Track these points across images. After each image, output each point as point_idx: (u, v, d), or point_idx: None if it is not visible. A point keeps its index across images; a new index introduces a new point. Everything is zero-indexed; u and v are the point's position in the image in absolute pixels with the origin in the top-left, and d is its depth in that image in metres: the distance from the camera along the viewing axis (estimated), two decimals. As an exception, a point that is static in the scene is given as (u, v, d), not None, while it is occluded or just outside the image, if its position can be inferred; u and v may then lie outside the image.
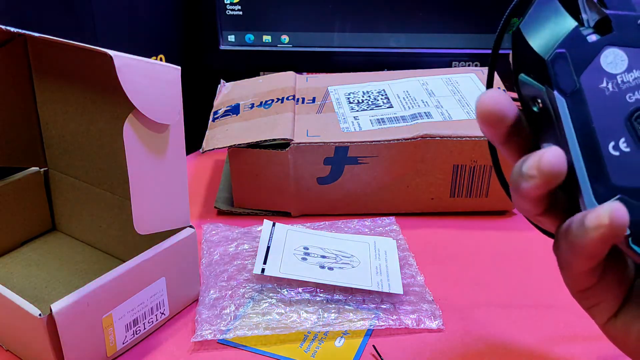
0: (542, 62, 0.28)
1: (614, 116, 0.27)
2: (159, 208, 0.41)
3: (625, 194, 0.27)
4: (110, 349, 0.40)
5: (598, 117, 0.27)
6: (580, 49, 0.28)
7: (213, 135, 0.59)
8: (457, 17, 0.70)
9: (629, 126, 0.27)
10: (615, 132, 0.27)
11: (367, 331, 0.44)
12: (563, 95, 0.27)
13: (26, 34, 0.40)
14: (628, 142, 0.27)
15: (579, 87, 0.27)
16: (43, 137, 0.53)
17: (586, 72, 0.28)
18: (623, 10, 0.28)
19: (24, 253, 0.53)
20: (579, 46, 0.28)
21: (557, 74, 0.27)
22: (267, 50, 0.72)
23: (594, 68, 0.28)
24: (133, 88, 0.36)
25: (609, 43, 0.28)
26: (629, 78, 0.28)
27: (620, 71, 0.28)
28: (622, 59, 0.28)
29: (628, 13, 0.28)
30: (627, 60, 0.28)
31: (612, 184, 0.27)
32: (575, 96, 0.27)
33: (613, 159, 0.27)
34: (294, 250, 0.50)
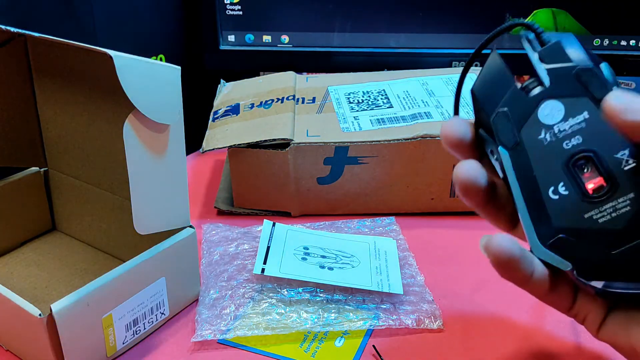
0: (489, 120, 0.31)
1: (553, 163, 0.30)
2: (159, 208, 0.41)
3: (566, 234, 0.29)
4: (110, 349, 0.40)
5: (538, 165, 0.30)
6: (520, 105, 0.30)
7: (213, 135, 0.59)
8: (457, 17, 0.70)
9: (567, 171, 0.29)
10: (554, 178, 0.29)
11: (367, 331, 0.44)
12: (506, 149, 0.30)
13: (26, 34, 0.40)
14: (566, 185, 0.29)
15: (519, 141, 0.30)
16: (43, 137, 0.53)
17: (525, 126, 0.30)
18: (558, 63, 0.30)
19: (24, 253, 0.53)
20: (518, 103, 0.30)
21: (499, 130, 0.30)
22: (267, 50, 0.72)
23: (532, 121, 0.30)
24: (133, 88, 0.36)
25: (546, 96, 0.30)
26: (565, 127, 0.30)
27: (556, 121, 0.30)
28: (559, 109, 0.30)
29: (563, 65, 0.30)
30: (563, 110, 0.30)
31: (554, 226, 0.29)
32: (517, 149, 0.30)
33: (553, 203, 0.29)
34: (294, 250, 0.50)
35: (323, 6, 0.70)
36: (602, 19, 0.70)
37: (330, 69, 0.72)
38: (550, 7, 0.69)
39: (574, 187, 0.29)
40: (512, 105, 0.30)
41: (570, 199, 0.29)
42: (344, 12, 0.70)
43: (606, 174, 0.29)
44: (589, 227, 0.29)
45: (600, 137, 0.29)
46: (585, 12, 0.70)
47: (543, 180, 0.30)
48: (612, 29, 0.71)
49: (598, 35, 0.71)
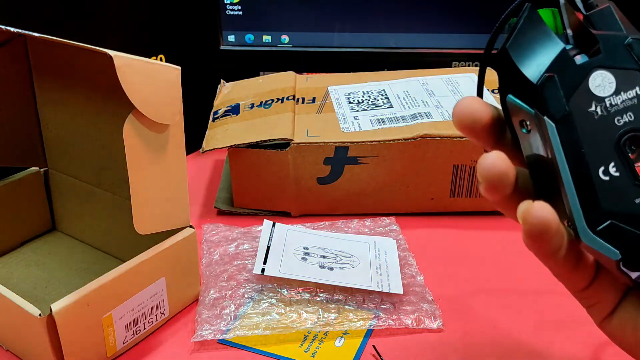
0: (532, 85, 0.28)
1: (604, 141, 0.27)
2: (159, 208, 0.41)
3: (616, 219, 0.27)
4: (110, 349, 0.40)
5: (588, 142, 0.27)
6: (568, 72, 0.27)
7: (213, 135, 0.59)
8: (457, 17, 0.70)
9: (618, 150, 0.27)
10: (605, 157, 0.27)
11: (367, 331, 0.44)
12: (553, 120, 0.27)
13: (26, 34, 0.40)
14: (617, 166, 0.27)
15: (568, 112, 0.27)
16: (43, 137, 0.53)
17: (575, 95, 0.27)
18: (610, 31, 0.28)
19: (24, 253, 0.53)
20: (567, 69, 0.27)
21: (546, 98, 0.27)
22: (267, 50, 0.72)
23: (582, 91, 0.27)
24: (133, 88, 0.36)
25: (597, 65, 0.27)
26: (617, 101, 0.27)
27: (608, 94, 0.27)
28: (610, 82, 0.27)
29: (615, 33, 0.28)
30: (614, 83, 0.27)
31: (603, 209, 0.27)
32: (565, 121, 0.27)
33: (604, 184, 0.27)
34: (294, 250, 0.50)
35: (323, 6, 0.70)
36: (602, 19, 0.70)
37: (330, 69, 0.72)
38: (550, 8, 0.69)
39: (625, 168, 0.27)
40: (559, 70, 0.27)
41: (622, 181, 0.27)
42: (344, 11, 0.70)
43: None
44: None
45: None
46: (585, 12, 0.70)
47: (593, 158, 0.27)
48: (612, 29, 0.71)
49: (598, 35, 0.71)
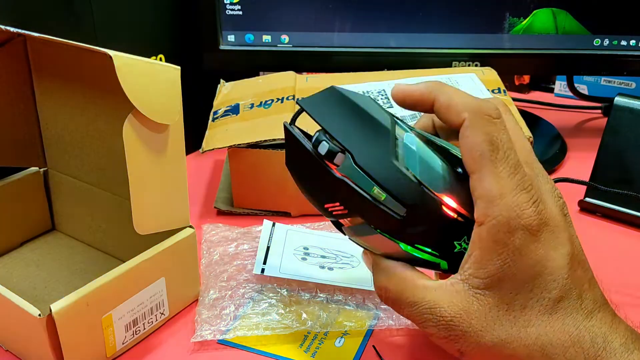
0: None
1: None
2: (159, 208, 0.41)
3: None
4: (110, 349, 0.40)
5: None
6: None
7: (213, 135, 0.59)
8: (457, 17, 0.70)
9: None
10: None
11: (367, 331, 0.44)
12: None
13: (26, 34, 0.40)
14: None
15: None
16: (43, 137, 0.53)
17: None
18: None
19: (24, 253, 0.53)
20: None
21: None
22: (267, 50, 0.72)
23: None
24: (133, 88, 0.36)
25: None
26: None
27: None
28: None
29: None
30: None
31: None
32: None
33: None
34: (293, 251, 0.50)
35: (323, 6, 0.70)
36: (602, 19, 0.70)
37: (330, 69, 0.72)
38: (550, 7, 0.69)
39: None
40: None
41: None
42: (344, 12, 0.70)
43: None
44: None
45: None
46: (585, 12, 0.70)
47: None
48: (612, 29, 0.71)
49: (598, 35, 0.71)
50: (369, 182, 0.33)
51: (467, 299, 0.32)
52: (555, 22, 0.70)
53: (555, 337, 0.31)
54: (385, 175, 0.33)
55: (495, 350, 0.32)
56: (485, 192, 0.32)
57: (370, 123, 0.34)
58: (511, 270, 0.31)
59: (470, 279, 0.32)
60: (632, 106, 0.59)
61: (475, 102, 0.33)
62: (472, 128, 0.32)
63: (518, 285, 0.31)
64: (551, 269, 0.31)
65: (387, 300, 0.36)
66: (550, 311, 0.31)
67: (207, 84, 0.72)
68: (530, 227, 0.31)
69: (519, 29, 0.70)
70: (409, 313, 0.34)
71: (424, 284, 0.34)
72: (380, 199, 0.33)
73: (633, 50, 0.71)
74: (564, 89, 0.94)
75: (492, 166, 0.32)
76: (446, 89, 0.35)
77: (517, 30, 0.70)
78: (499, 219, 0.31)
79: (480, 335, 0.32)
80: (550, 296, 0.31)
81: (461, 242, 0.34)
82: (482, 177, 0.32)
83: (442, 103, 0.34)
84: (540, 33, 0.70)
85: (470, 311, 0.32)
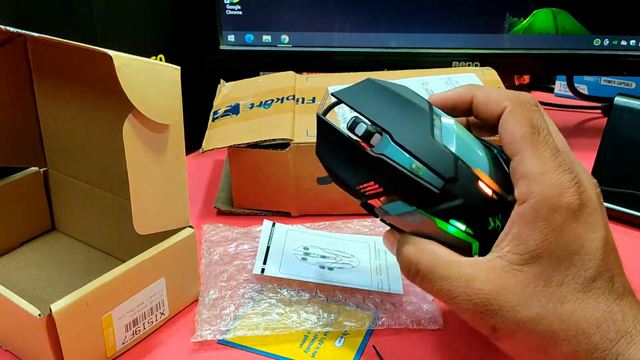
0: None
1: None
2: (159, 208, 0.41)
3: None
4: (110, 349, 0.40)
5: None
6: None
7: (213, 135, 0.59)
8: (457, 17, 0.70)
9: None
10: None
11: (367, 331, 0.44)
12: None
13: (26, 34, 0.40)
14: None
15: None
16: (43, 137, 0.53)
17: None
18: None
19: (24, 253, 0.53)
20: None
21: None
22: (267, 50, 0.72)
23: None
24: (133, 88, 0.36)
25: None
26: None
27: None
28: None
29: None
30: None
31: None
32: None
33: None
34: (293, 251, 0.50)
35: (323, 6, 0.70)
36: (602, 19, 0.70)
37: (330, 69, 0.72)
38: (550, 7, 0.69)
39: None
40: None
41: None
42: (344, 12, 0.70)
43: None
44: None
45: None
46: (585, 12, 0.70)
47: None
48: (612, 29, 0.71)
49: (598, 35, 0.71)
50: (407, 158, 0.34)
51: (504, 274, 0.32)
52: (555, 22, 0.70)
53: (589, 314, 0.31)
54: (423, 150, 0.34)
55: (530, 326, 0.32)
56: (528, 171, 0.32)
57: (408, 106, 0.35)
58: (551, 246, 0.32)
59: (508, 255, 0.32)
60: (632, 106, 0.59)
61: (513, 93, 0.35)
62: (513, 113, 0.34)
63: (556, 262, 0.32)
64: (588, 249, 0.32)
65: (415, 274, 0.35)
66: (585, 289, 0.32)
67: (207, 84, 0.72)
68: (572, 207, 0.32)
69: (519, 29, 0.70)
70: (440, 288, 0.34)
71: (459, 259, 0.34)
72: (419, 173, 0.34)
73: (633, 50, 0.71)
74: (564, 89, 0.94)
75: (534, 147, 0.33)
76: (483, 87, 0.37)
77: (517, 30, 0.70)
78: (542, 196, 0.32)
79: (517, 311, 0.32)
80: (586, 275, 0.32)
81: (495, 218, 0.34)
82: (524, 158, 0.33)
83: (482, 97, 0.36)
84: (540, 33, 0.70)
85: (508, 286, 0.32)
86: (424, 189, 0.34)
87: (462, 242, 0.35)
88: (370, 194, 0.35)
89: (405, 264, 0.36)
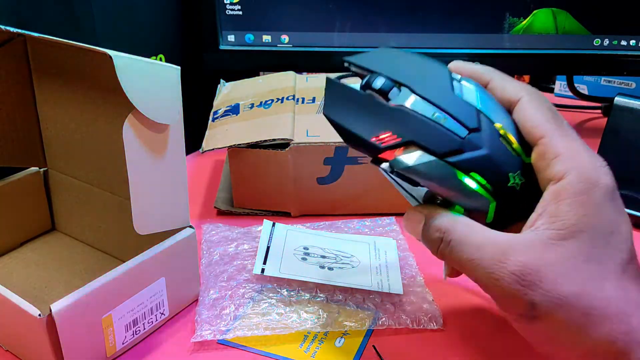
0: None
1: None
2: (158, 208, 0.41)
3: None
4: (110, 349, 0.40)
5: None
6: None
7: (213, 135, 0.59)
8: (457, 17, 0.70)
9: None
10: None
11: (367, 331, 0.44)
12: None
13: (26, 34, 0.40)
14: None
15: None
16: (43, 137, 0.53)
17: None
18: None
19: (24, 253, 0.53)
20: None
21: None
22: (267, 50, 0.72)
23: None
24: (133, 88, 0.36)
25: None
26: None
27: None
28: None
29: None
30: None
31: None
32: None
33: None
34: (293, 250, 0.50)
35: (323, 6, 0.70)
36: (602, 19, 0.70)
37: (330, 69, 0.72)
38: (550, 7, 0.69)
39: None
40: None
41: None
42: (344, 12, 0.70)
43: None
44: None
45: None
46: (585, 12, 0.70)
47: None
48: (612, 29, 0.71)
49: (598, 35, 0.71)
50: (429, 107, 0.33)
51: (543, 247, 0.31)
52: (555, 22, 0.70)
53: (628, 295, 0.31)
54: (446, 101, 0.33)
55: (571, 302, 0.30)
56: (560, 150, 0.32)
57: (427, 65, 0.35)
58: (591, 221, 0.31)
59: (545, 231, 0.31)
60: (632, 106, 0.59)
61: (529, 86, 0.35)
62: (532, 102, 0.34)
63: (596, 238, 0.31)
64: (623, 231, 0.32)
65: (447, 244, 0.33)
66: (623, 270, 0.31)
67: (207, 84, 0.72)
68: (609, 186, 0.31)
69: (519, 29, 0.70)
70: (473, 257, 0.32)
71: (494, 232, 0.33)
72: (441, 122, 0.33)
73: (633, 50, 0.71)
74: (564, 89, 0.94)
75: (560, 129, 0.33)
76: (501, 74, 0.36)
77: (517, 30, 0.70)
78: (581, 171, 0.31)
79: (558, 284, 0.30)
80: (622, 256, 0.31)
81: (515, 175, 0.33)
82: (553, 138, 0.32)
83: (498, 82, 0.36)
84: (540, 33, 0.70)
85: (548, 258, 0.30)
86: (447, 136, 0.33)
87: (480, 199, 0.33)
88: (387, 144, 0.33)
89: (435, 234, 0.34)
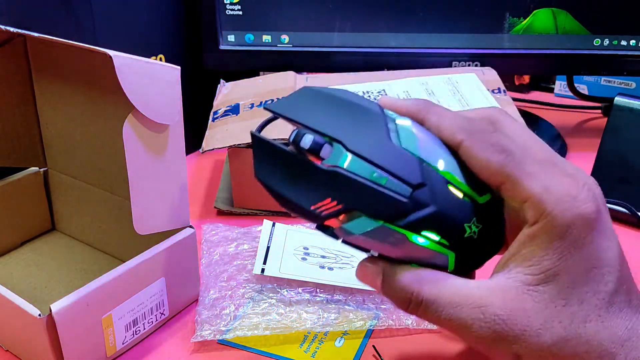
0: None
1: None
2: (158, 208, 0.41)
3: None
4: (110, 349, 0.40)
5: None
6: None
7: (213, 135, 0.59)
8: (457, 17, 0.70)
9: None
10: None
11: (367, 331, 0.44)
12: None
13: (26, 34, 0.40)
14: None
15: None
16: (43, 137, 0.53)
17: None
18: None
19: (24, 253, 0.53)
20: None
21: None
22: (267, 50, 0.72)
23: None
24: (133, 88, 0.36)
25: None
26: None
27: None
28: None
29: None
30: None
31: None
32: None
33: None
34: (293, 250, 0.50)
35: (323, 6, 0.70)
36: (602, 19, 0.70)
37: (330, 69, 0.72)
38: (550, 7, 0.69)
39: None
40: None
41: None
42: (344, 12, 0.70)
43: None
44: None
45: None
46: (585, 12, 0.70)
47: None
48: (612, 29, 0.71)
49: (598, 35, 0.71)
50: (367, 167, 0.30)
51: (519, 296, 0.30)
52: (555, 22, 0.70)
53: (613, 332, 0.30)
54: (383, 157, 0.30)
55: (554, 349, 0.29)
56: (528, 194, 0.30)
57: (356, 110, 0.31)
58: (568, 263, 0.29)
59: (518, 276, 0.30)
60: (632, 106, 0.59)
61: (466, 122, 0.32)
62: (475, 148, 0.31)
63: (574, 278, 0.29)
64: (606, 260, 0.30)
65: (417, 306, 0.32)
66: (607, 305, 0.30)
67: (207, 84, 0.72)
68: (589, 216, 0.29)
69: (519, 29, 0.70)
70: (450, 317, 0.30)
71: (464, 283, 0.31)
72: (382, 183, 0.30)
73: (633, 50, 0.71)
74: (564, 89, 0.94)
75: (518, 170, 0.30)
76: (436, 109, 0.33)
77: (517, 30, 0.70)
78: (554, 214, 0.29)
79: (540, 334, 0.29)
80: (606, 289, 0.30)
81: (471, 224, 0.31)
82: (515, 184, 0.30)
83: (433, 123, 0.32)
84: (540, 33, 0.70)
85: (527, 308, 0.29)
86: (390, 199, 0.30)
87: (437, 255, 0.31)
88: (328, 213, 0.31)
89: (402, 295, 0.32)
